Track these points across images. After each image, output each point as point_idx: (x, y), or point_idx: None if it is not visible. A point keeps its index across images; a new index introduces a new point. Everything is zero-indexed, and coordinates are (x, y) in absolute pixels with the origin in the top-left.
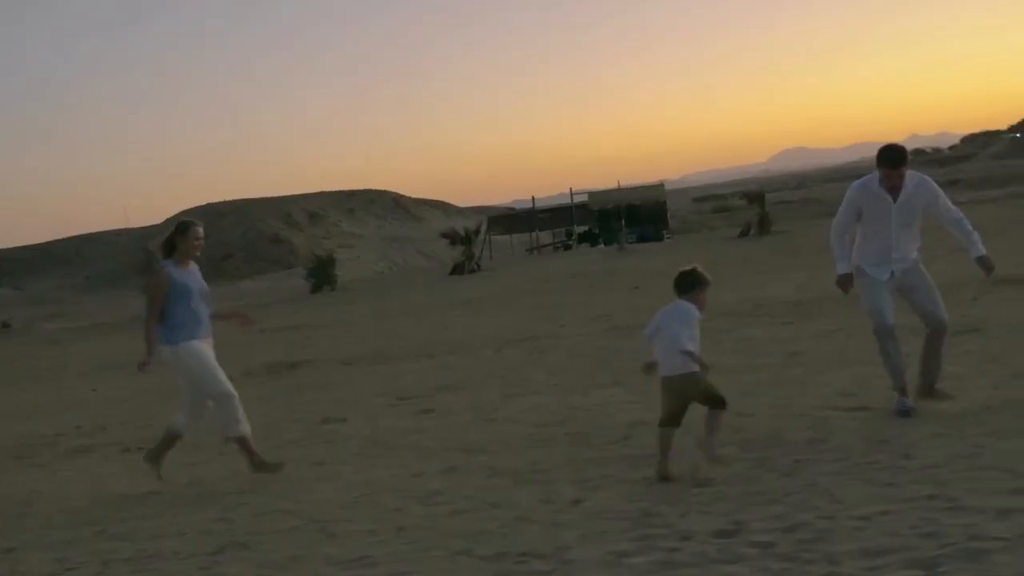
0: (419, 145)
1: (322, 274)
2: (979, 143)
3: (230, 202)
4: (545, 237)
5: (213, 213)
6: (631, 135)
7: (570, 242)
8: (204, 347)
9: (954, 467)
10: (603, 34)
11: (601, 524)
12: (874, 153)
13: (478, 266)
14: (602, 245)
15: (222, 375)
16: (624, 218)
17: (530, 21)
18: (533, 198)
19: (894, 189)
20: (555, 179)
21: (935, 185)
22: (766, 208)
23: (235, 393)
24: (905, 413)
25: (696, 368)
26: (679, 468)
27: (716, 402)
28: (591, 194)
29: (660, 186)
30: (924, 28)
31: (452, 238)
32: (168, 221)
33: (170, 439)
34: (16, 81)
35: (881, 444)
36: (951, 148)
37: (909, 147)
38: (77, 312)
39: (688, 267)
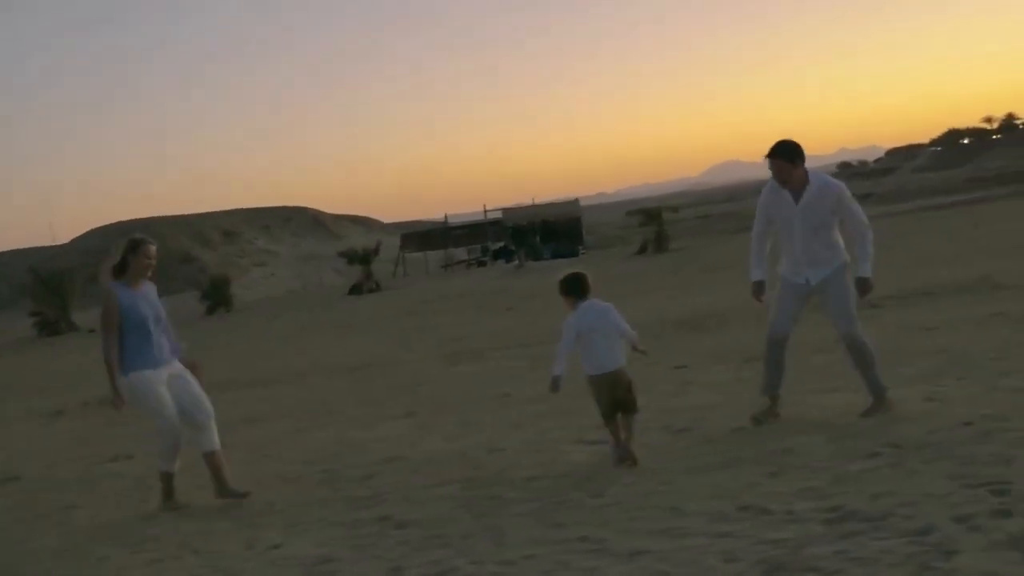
0: (343, 161)
1: (216, 295)
2: (902, 156)
3: (140, 220)
4: (462, 254)
5: (120, 231)
6: (567, 148)
7: (484, 259)
8: (160, 377)
9: (629, 505)
10: (541, 46)
11: (275, 571)
12: (805, 166)
13: (377, 285)
14: (516, 261)
15: (169, 410)
16: (539, 234)
17: (462, 32)
18: (446, 215)
19: (791, 188)
20: (486, 193)
21: (845, 191)
22: (663, 226)
23: (178, 432)
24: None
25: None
26: (638, 449)
27: (633, 402)
28: (505, 210)
29: (575, 202)
30: (853, 42)
31: (350, 257)
32: (76, 240)
33: (164, 479)
34: None
35: (584, 481)
36: (876, 161)
37: (837, 160)
38: None
39: (579, 271)
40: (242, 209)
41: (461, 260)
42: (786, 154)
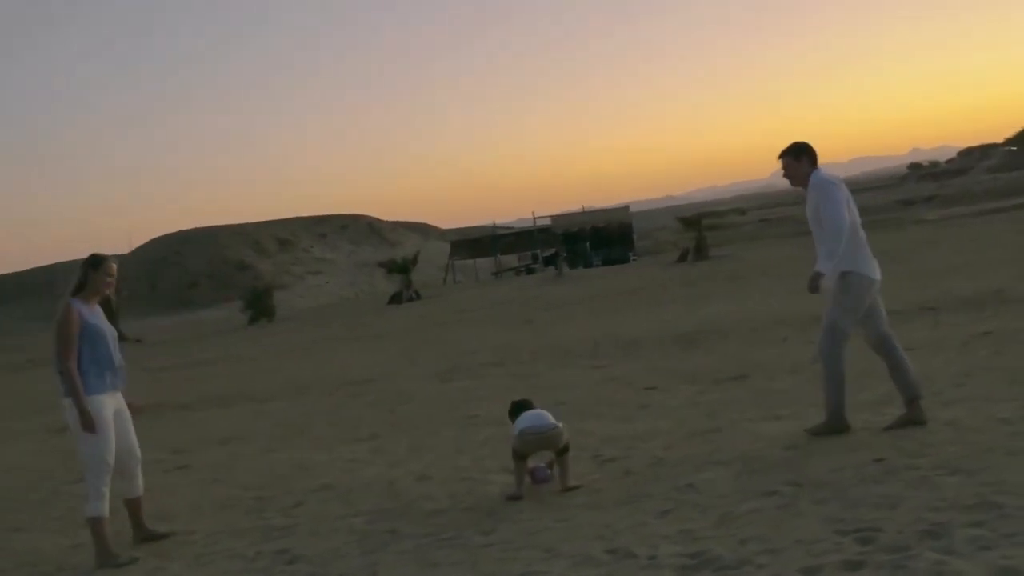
0: (401, 167)
1: (258, 306)
2: (975, 156)
3: (198, 229)
4: (514, 261)
5: (180, 240)
6: (634, 152)
7: (534, 266)
8: (111, 403)
9: (509, 546)
10: (604, 49)
11: None
12: (875, 168)
13: (417, 294)
14: (566, 268)
15: (111, 444)
16: (590, 241)
17: (519, 37)
18: (494, 222)
19: (802, 187)
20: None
21: (823, 189)
22: (703, 233)
23: (132, 463)
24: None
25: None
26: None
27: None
28: (555, 217)
29: (625, 209)
30: (926, 40)
31: (389, 267)
32: (138, 250)
33: (97, 527)
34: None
35: (484, 517)
36: (948, 162)
37: (908, 160)
38: (24, 346)
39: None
40: (299, 217)
41: (511, 267)
42: (790, 151)
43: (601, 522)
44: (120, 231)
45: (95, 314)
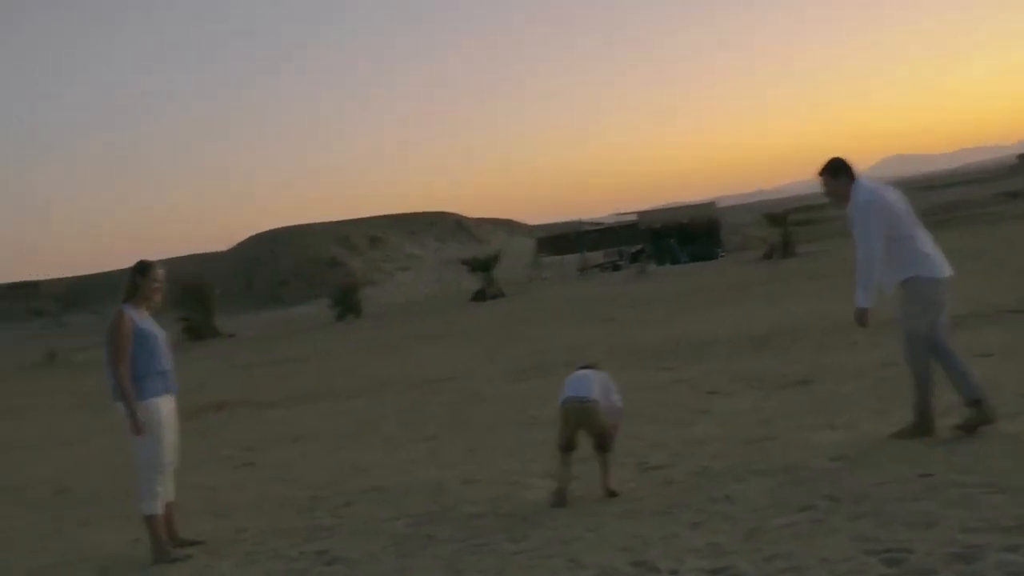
0: (489, 164)
1: (345, 302)
2: None
3: (290, 228)
4: (600, 257)
5: (273, 238)
6: (725, 147)
7: (620, 262)
8: (164, 406)
9: (537, 554)
10: (692, 43)
11: None
12: (983, 158)
13: (500, 292)
14: (640, 266)
15: (164, 446)
16: (676, 237)
17: (610, 34)
18: (580, 219)
19: (836, 202)
20: (639, 194)
21: (857, 208)
22: (788, 229)
23: (170, 468)
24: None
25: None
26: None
27: (603, 442)
28: (640, 214)
29: (712, 204)
30: None
31: (472, 265)
32: (235, 247)
33: (153, 526)
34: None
35: (518, 523)
36: None
37: (1018, 151)
38: None
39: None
40: (388, 215)
41: (596, 264)
42: (827, 169)
43: (632, 532)
44: (222, 229)
45: (146, 319)
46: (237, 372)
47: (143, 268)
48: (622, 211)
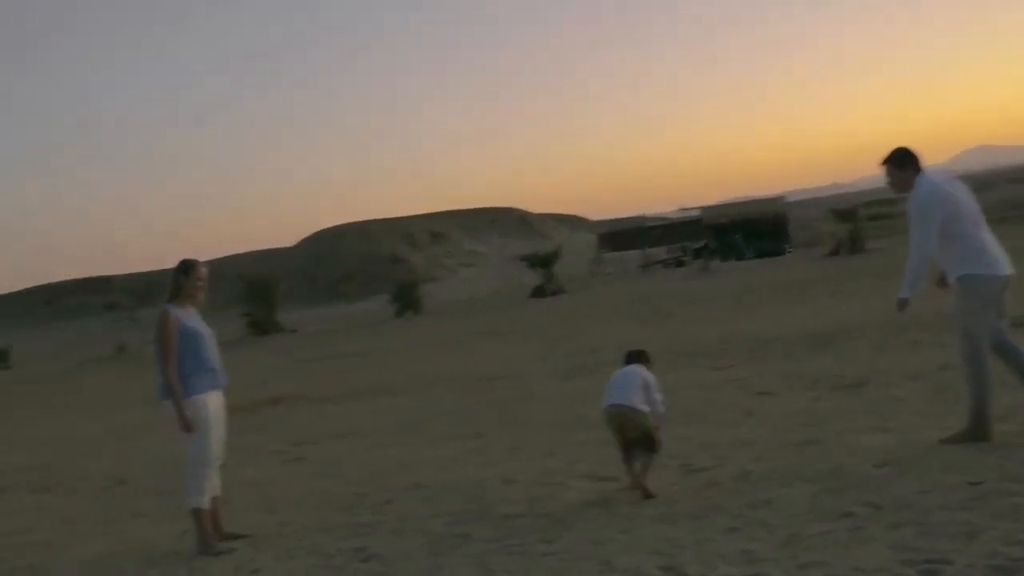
0: (553, 160)
1: (404, 299)
2: None
3: (353, 224)
4: (664, 253)
5: (337, 234)
6: (795, 140)
7: (684, 258)
8: (215, 402)
9: (569, 555)
10: (765, 30)
11: None
12: None
13: (560, 288)
14: (717, 261)
15: (212, 441)
16: (742, 233)
17: (677, 28)
18: (643, 214)
19: (898, 192)
20: (705, 189)
21: (915, 202)
22: (858, 225)
23: (217, 463)
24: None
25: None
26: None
27: (646, 443)
28: (704, 209)
29: (779, 199)
30: None
31: (530, 261)
32: (300, 243)
33: (200, 519)
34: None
35: (553, 524)
36: None
37: None
38: None
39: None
40: (450, 211)
41: (658, 260)
42: (893, 159)
43: (665, 536)
44: (287, 226)
45: (192, 317)
46: (297, 367)
47: (186, 267)
48: (687, 206)
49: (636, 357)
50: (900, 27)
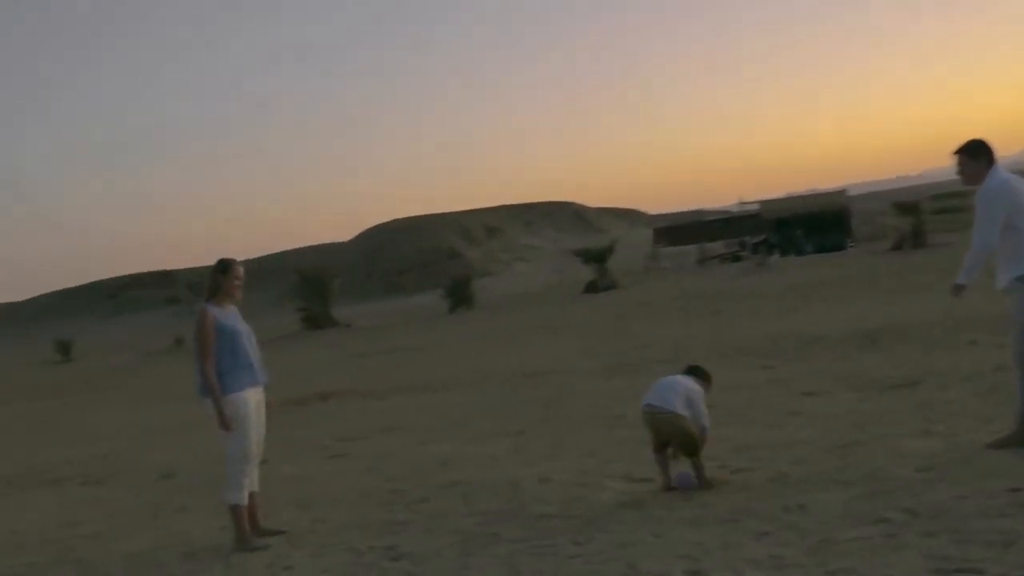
0: (609, 153)
1: (457, 294)
2: None
3: (410, 219)
4: (721, 247)
5: (393, 229)
6: (859, 132)
7: (741, 253)
8: (254, 399)
9: (596, 559)
10: (827, 24)
11: None
12: None
13: (612, 283)
14: (777, 255)
15: (251, 437)
16: (803, 227)
17: (735, 18)
18: (700, 208)
19: (968, 183)
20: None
21: (982, 195)
22: (921, 219)
23: (255, 460)
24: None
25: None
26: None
27: (688, 449)
28: (764, 203)
29: (841, 192)
30: None
31: (584, 256)
32: (356, 238)
33: (236, 514)
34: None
35: (585, 526)
36: None
37: None
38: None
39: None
40: (506, 205)
41: (716, 255)
42: (967, 149)
43: (695, 539)
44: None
45: (230, 315)
46: (349, 362)
47: (224, 266)
48: (747, 200)
49: (693, 371)
50: (970, 16)
